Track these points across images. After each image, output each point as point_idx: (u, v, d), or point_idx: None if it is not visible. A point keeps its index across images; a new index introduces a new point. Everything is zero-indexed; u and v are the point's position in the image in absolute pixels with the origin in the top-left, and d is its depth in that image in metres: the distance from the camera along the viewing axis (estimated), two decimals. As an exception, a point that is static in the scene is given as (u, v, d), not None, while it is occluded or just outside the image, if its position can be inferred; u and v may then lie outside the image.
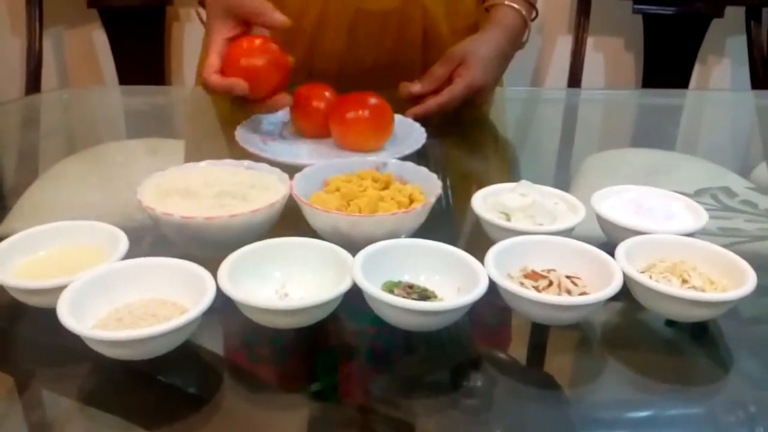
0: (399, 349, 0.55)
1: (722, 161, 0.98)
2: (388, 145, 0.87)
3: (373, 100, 0.86)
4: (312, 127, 0.89)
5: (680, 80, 1.89)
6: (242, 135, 0.86)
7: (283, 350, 0.55)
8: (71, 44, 1.98)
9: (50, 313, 0.49)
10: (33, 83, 1.80)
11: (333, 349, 0.56)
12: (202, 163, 0.71)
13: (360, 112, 0.85)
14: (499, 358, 0.55)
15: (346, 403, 0.51)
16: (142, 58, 1.83)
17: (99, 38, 1.93)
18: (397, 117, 0.89)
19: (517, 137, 1.11)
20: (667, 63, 1.90)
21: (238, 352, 0.55)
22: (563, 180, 0.89)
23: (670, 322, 0.57)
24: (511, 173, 0.97)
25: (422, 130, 0.89)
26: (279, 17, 0.85)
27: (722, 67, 2.03)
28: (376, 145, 0.86)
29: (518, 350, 0.57)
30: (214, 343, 0.56)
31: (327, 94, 0.90)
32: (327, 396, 0.51)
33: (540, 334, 0.58)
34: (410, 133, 0.89)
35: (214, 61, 0.84)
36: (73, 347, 0.50)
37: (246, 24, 0.87)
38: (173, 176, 0.68)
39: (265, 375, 0.54)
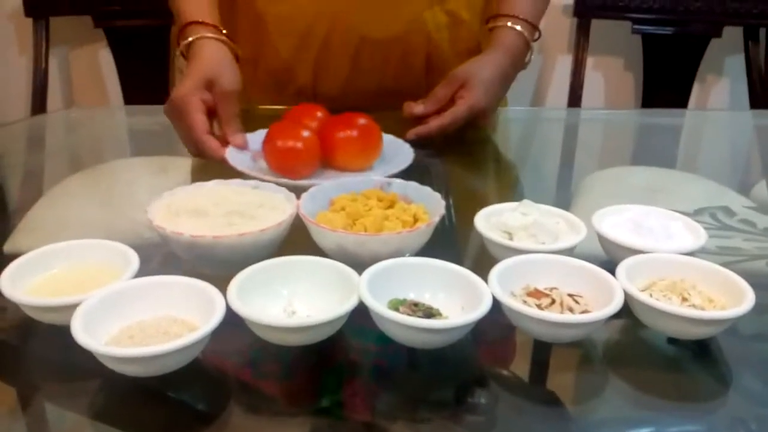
0: (404, 366, 0.56)
1: (721, 180, 0.99)
2: (376, 165, 0.88)
3: (361, 121, 0.87)
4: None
5: (679, 99, 1.90)
6: (232, 153, 0.86)
7: (290, 367, 0.56)
8: (77, 64, 2.00)
9: (63, 331, 0.50)
10: (39, 102, 1.81)
11: (339, 366, 0.57)
12: (211, 183, 0.72)
13: (348, 132, 0.86)
14: (502, 376, 0.56)
15: (351, 420, 0.51)
16: (148, 77, 1.85)
17: (105, 58, 1.94)
18: (386, 136, 0.90)
19: (518, 157, 1.12)
20: (666, 82, 1.91)
21: (246, 369, 0.56)
22: (564, 199, 0.90)
23: (671, 340, 0.58)
24: (512, 192, 0.98)
25: (410, 149, 0.90)
26: (235, 129, 0.88)
27: (721, 86, 2.04)
28: (364, 164, 0.87)
29: (521, 368, 0.58)
30: (222, 360, 0.56)
31: (319, 114, 0.92)
32: (333, 413, 0.52)
33: (543, 351, 0.58)
34: (398, 152, 0.90)
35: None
36: (85, 364, 0.50)
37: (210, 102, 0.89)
38: (182, 196, 0.69)
39: (273, 391, 0.54)
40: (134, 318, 0.55)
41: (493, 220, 0.68)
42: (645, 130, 1.28)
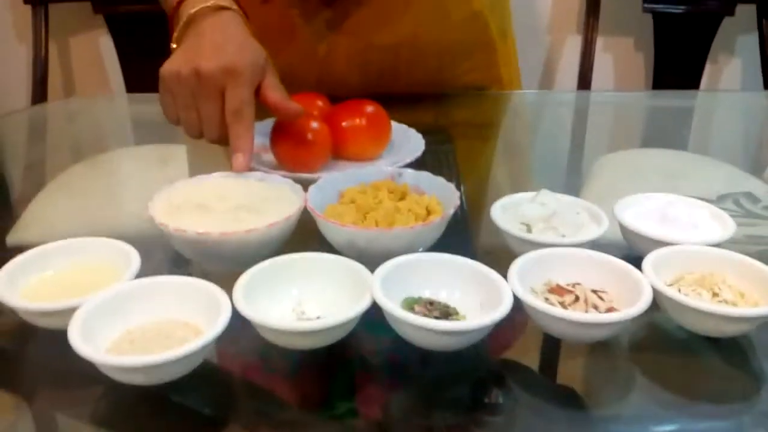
0: (419, 366, 0.54)
1: (734, 163, 0.96)
2: (385, 154, 0.85)
3: (369, 108, 0.84)
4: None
5: (691, 80, 1.87)
6: None
7: (300, 370, 0.54)
8: (77, 51, 1.97)
9: (61, 335, 0.48)
10: (39, 91, 1.79)
11: (351, 369, 0.55)
12: (213, 175, 0.70)
13: (356, 120, 0.82)
14: (521, 375, 0.54)
15: (364, 423, 0.49)
16: (150, 64, 1.82)
17: (105, 45, 1.91)
18: (394, 124, 0.87)
19: (528, 141, 1.09)
20: (677, 63, 1.87)
21: (254, 372, 0.54)
22: (576, 183, 0.88)
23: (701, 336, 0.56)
24: (524, 179, 0.95)
25: (420, 137, 0.87)
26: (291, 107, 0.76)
27: (733, 66, 2.00)
28: (374, 153, 0.84)
29: (541, 366, 0.56)
30: (228, 363, 0.54)
31: (320, 103, 0.88)
32: (345, 418, 0.49)
33: (564, 349, 0.56)
34: (408, 140, 0.87)
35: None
36: (86, 369, 0.48)
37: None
38: (184, 189, 0.67)
39: (282, 395, 0.52)
40: (135, 321, 0.52)
41: (510, 212, 0.65)
42: (656, 112, 1.25)
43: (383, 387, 0.53)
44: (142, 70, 1.86)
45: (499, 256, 0.61)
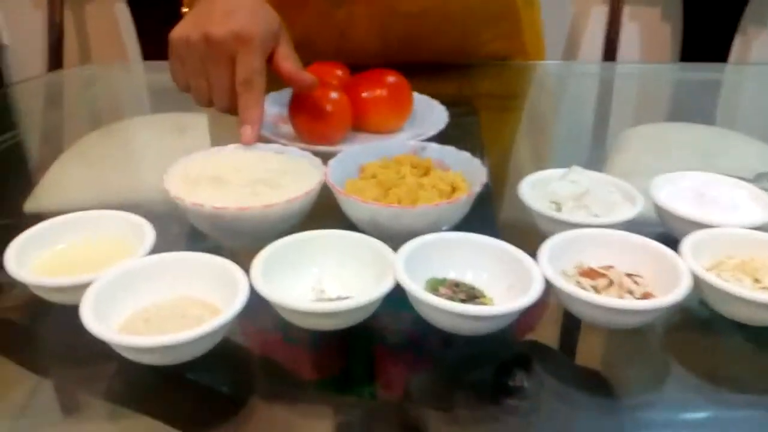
0: (441, 347, 0.52)
1: (766, 140, 0.92)
2: (407, 126, 0.82)
3: (390, 78, 0.81)
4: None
5: (720, 52, 1.82)
6: None
7: (319, 349, 0.52)
8: (93, 18, 1.95)
9: (73, 310, 0.46)
10: (55, 59, 1.77)
11: (372, 348, 0.53)
12: (230, 147, 0.67)
13: (377, 91, 0.80)
14: (547, 358, 0.51)
15: (385, 403, 0.48)
16: (167, 31, 1.79)
17: (121, 11, 1.89)
18: (416, 95, 0.84)
19: (552, 113, 1.06)
20: (706, 34, 1.82)
21: (272, 351, 0.52)
22: (600, 156, 0.85)
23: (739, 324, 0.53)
24: (548, 152, 0.92)
25: (443, 108, 0.84)
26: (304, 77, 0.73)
27: (764, 38, 1.95)
28: (395, 126, 0.81)
29: (569, 350, 0.54)
30: (246, 341, 0.53)
31: (339, 73, 0.85)
32: (364, 399, 0.48)
33: (594, 332, 0.54)
34: (430, 112, 0.84)
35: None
36: (99, 345, 0.46)
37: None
38: (201, 162, 0.64)
39: (300, 375, 0.50)
40: (149, 299, 0.50)
41: (538, 189, 0.62)
42: (683, 84, 1.22)
43: (404, 368, 0.51)
44: (158, 37, 1.83)
45: (527, 235, 0.58)
